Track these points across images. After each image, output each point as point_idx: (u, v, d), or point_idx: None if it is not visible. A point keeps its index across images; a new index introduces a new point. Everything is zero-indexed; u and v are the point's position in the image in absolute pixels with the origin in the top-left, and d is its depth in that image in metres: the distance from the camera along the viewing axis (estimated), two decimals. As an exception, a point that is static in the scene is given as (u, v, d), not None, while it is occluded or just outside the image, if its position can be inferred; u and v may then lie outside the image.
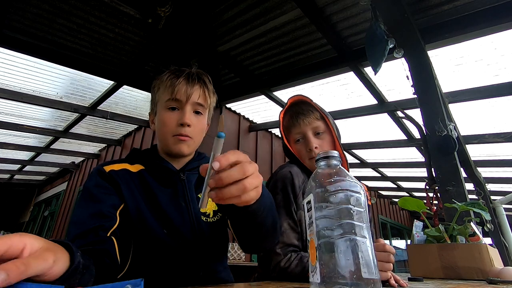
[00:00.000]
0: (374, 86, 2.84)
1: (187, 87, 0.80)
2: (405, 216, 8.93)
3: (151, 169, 0.82)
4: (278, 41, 2.56)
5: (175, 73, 0.82)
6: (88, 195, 0.72)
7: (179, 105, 0.80)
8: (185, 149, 0.80)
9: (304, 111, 1.01)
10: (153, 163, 0.83)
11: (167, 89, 0.80)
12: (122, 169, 0.78)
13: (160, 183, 0.80)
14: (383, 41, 1.82)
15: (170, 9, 2.12)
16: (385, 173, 5.78)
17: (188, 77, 0.81)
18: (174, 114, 0.80)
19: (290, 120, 1.03)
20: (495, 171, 4.55)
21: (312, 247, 0.42)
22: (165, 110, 0.81)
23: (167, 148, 0.82)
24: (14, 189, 7.72)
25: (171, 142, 0.80)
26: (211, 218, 0.82)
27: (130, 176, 0.78)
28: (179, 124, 0.79)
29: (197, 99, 0.81)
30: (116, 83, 3.05)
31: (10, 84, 3.01)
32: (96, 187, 0.73)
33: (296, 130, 1.02)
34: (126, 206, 0.73)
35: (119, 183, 0.75)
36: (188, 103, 0.80)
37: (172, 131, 0.79)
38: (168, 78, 0.81)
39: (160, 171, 0.82)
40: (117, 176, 0.76)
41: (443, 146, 1.77)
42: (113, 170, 0.77)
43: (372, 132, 3.94)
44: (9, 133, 4.19)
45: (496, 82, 2.60)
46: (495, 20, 1.96)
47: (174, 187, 0.80)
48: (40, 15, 2.22)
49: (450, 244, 1.07)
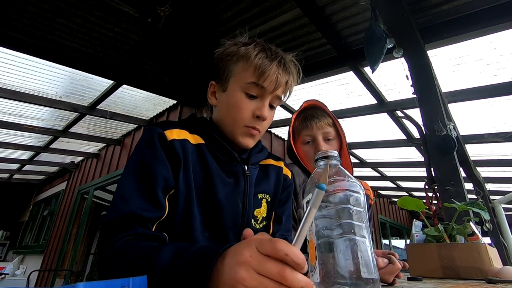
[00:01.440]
0: (374, 86, 2.84)
1: (277, 76, 0.69)
2: (405, 215, 8.94)
3: (212, 145, 0.71)
4: (277, 41, 2.55)
5: (267, 53, 0.71)
6: (142, 166, 0.60)
7: (261, 94, 0.70)
8: (252, 143, 0.73)
9: (318, 116, 1.04)
10: (216, 139, 0.71)
11: (253, 69, 0.68)
12: (182, 139, 0.66)
13: (220, 165, 0.70)
14: (382, 39, 1.82)
15: (170, 9, 2.12)
16: (385, 172, 5.78)
17: (281, 65, 0.70)
18: (252, 103, 0.69)
19: (303, 122, 1.05)
20: (494, 170, 4.55)
21: (311, 247, 0.42)
22: (242, 93, 0.69)
23: (232, 135, 0.71)
24: (13, 188, 7.70)
25: (240, 132, 0.70)
26: (259, 225, 0.74)
27: (189, 149, 0.66)
28: (255, 115, 0.69)
29: (281, 92, 0.72)
30: (115, 83, 3.04)
31: (9, 83, 3.00)
32: (154, 159, 0.61)
33: (307, 133, 1.04)
34: (176, 193, 0.63)
35: (179, 159, 0.63)
36: (270, 95, 0.70)
37: (246, 121, 0.69)
38: (258, 56, 0.69)
39: (223, 151, 0.71)
40: (179, 148, 0.64)
41: (443, 146, 1.77)
42: (175, 139, 0.65)
43: (371, 131, 3.94)
44: (9, 132, 4.18)
45: (496, 82, 2.60)
46: (495, 20, 1.96)
47: (236, 180, 0.70)
48: (39, 14, 2.22)
49: (449, 244, 1.07)
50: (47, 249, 5.50)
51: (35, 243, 6.44)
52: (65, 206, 5.64)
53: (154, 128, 0.64)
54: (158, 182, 0.59)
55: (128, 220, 0.55)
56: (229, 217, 0.66)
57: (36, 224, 6.95)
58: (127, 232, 0.54)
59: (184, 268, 0.39)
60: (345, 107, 3.35)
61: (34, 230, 6.86)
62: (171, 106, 3.60)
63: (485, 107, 2.98)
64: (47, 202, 6.97)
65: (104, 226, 0.56)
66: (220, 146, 0.71)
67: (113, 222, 0.55)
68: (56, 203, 6.32)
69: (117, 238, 0.53)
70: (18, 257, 6.61)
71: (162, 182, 0.60)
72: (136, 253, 0.49)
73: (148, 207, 0.57)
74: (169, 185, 0.62)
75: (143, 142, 0.64)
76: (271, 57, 0.70)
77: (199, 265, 0.37)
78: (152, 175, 0.59)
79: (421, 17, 2.15)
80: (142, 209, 0.56)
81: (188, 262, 0.40)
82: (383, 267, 0.69)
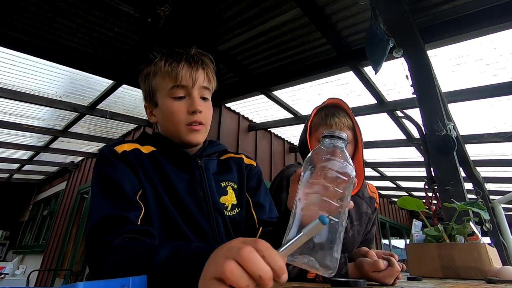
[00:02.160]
0: (374, 85, 2.85)
1: (191, 71, 0.73)
2: (404, 215, 8.95)
3: (164, 150, 0.75)
4: (277, 41, 2.56)
5: (173, 57, 0.75)
6: (105, 179, 0.64)
7: (186, 92, 0.74)
8: (200, 137, 0.76)
9: (339, 115, 1.01)
10: (166, 146, 0.75)
11: (168, 76, 0.73)
12: (133, 149, 0.71)
13: (176, 166, 0.73)
14: (384, 41, 1.82)
15: (170, 8, 2.12)
16: (385, 172, 5.78)
17: (189, 60, 0.74)
18: (182, 103, 0.74)
19: (324, 119, 1.02)
20: (494, 170, 4.55)
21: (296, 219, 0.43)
22: (170, 99, 0.73)
23: (180, 139, 0.75)
24: (13, 188, 7.70)
25: (184, 132, 0.74)
26: (229, 212, 0.75)
27: (142, 157, 0.70)
28: (190, 112, 0.73)
29: (203, 82, 0.75)
30: (115, 82, 3.04)
31: (9, 83, 3.00)
32: (113, 170, 0.65)
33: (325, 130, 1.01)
34: (144, 191, 0.66)
35: (134, 164, 0.67)
36: (195, 88, 0.74)
37: (184, 120, 0.73)
38: (167, 63, 0.74)
39: (175, 153, 0.75)
40: (131, 156, 0.68)
41: (442, 146, 1.77)
42: (125, 151, 0.69)
43: (371, 131, 3.94)
44: (9, 132, 4.18)
45: (496, 82, 2.60)
46: (495, 20, 1.96)
47: (191, 173, 0.73)
48: (39, 14, 2.21)
49: (449, 244, 1.07)
50: (47, 249, 5.50)
51: (35, 243, 6.44)
52: (65, 206, 5.64)
53: (103, 149, 0.70)
54: (124, 186, 0.63)
55: (113, 221, 0.58)
56: (193, 205, 0.69)
57: (36, 224, 6.95)
58: (119, 231, 0.56)
59: (181, 265, 0.41)
60: (345, 107, 3.35)
61: (34, 230, 6.86)
62: (171, 106, 3.60)
63: (485, 107, 2.98)
64: (47, 202, 6.97)
65: (90, 230, 0.58)
66: (171, 148, 0.75)
67: (99, 224, 0.58)
68: (56, 203, 6.32)
69: (111, 237, 0.55)
70: (18, 257, 6.61)
71: (128, 185, 0.64)
72: (134, 252, 0.51)
73: (125, 207, 0.60)
74: (135, 186, 0.65)
75: (98, 163, 0.68)
76: (177, 58, 0.74)
77: (195, 263, 0.39)
78: (116, 182, 0.63)
79: (421, 17, 2.15)
80: (121, 209, 0.59)
81: (185, 259, 0.42)
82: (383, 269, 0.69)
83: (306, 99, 3.34)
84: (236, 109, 3.86)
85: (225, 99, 3.47)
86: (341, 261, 0.78)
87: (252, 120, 4.13)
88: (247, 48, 2.67)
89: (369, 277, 0.70)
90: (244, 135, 3.98)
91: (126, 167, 0.67)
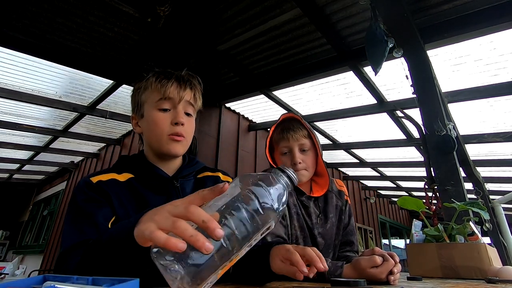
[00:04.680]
0: (374, 85, 2.85)
1: (179, 88, 0.79)
2: (404, 215, 8.95)
3: (141, 176, 0.79)
4: (277, 41, 2.56)
5: (164, 75, 0.81)
6: (78, 211, 0.68)
7: (171, 105, 0.79)
8: (180, 149, 0.79)
9: (294, 128, 1.11)
10: (143, 170, 0.80)
11: (157, 90, 0.78)
12: (109, 179, 0.75)
13: (152, 190, 0.77)
14: (383, 41, 1.82)
15: (170, 8, 2.12)
16: (385, 172, 5.78)
17: (179, 80, 0.80)
18: (167, 115, 0.78)
19: (281, 133, 1.13)
20: (494, 170, 4.55)
21: None
22: (156, 111, 0.78)
23: (160, 149, 0.79)
24: (13, 188, 7.70)
25: (165, 142, 0.77)
26: None
27: (118, 186, 0.75)
28: (173, 123, 0.77)
29: (189, 99, 0.81)
30: (115, 82, 3.04)
31: (9, 83, 3.00)
32: (86, 201, 0.69)
33: (284, 144, 1.12)
34: (117, 218, 0.70)
35: (108, 193, 0.72)
36: (180, 103, 0.79)
37: (166, 130, 0.77)
38: (157, 79, 0.79)
39: (152, 178, 0.79)
40: (106, 186, 0.73)
41: (442, 146, 1.77)
42: (101, 180, 0.74)
43: (371, 131, 3.94)
44: (8, 132, 4.18)
45: (495, 82, 2.61)
46: (495, 20, 1.96)
47: (168, 195, 0.77)
48: (39, 14, 2.21)
49: (449, 244, 1.07)
50: (47, 249, 5.50)
51: (35, 243, 6.44)
52: (65, 206, 5.63)
53: (80, 180, 0.75)
54: (96, 215, 0.67)
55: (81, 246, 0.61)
56: None
57: (36, 224, 6.94)
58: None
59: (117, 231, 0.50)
60: (345, 107, 3.35)
61: (34, 230, 6.85)
62: (171, 106, 3.60)
63: (485, 107, 2.98)
64: (47, 202, 6.97)
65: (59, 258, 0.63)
66: (148, 172, 0.79)
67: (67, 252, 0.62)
68: (56, 203, 6.32)
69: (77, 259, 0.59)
70: (18, 257, 6.61)
71: (100, 214, 0.67)
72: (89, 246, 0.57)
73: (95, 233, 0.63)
74: (107, 214, 0.69)
75: (73, 194, 0.72)
76: (167, 75, 0.80)
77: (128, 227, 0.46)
78: (87, 212, 0.67)
79: (421, 17, 2.15)
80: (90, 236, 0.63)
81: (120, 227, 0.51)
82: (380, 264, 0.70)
83: (306, 99, 3.34)
84: (236, 109, 3.86)
85: (225, 99, 3.47)
86: (337, 264, 0.79)
87: (252, 120, 4.13)
88: (247, 48, 2.67)
89: (367, 274, 0.70)
90: (244, 135, 3.98)
91: (99, 197, 0.70)
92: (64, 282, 0.39)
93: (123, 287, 0.34)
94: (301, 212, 1.08)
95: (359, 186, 6.70)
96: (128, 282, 0.34)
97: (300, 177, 1.08)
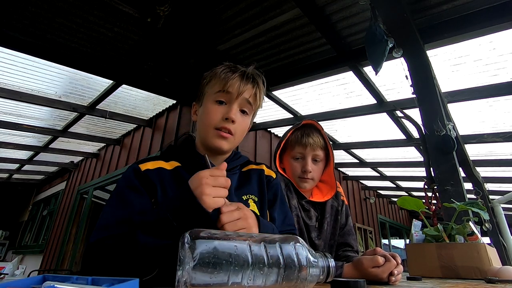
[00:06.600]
0: (373, 85, 2.85)
1: (240, 83, 0.78)
2: (404, 215, 8.95)
3: (188, 166, 0.79)
4: (277, 41, 2.56)
5: (231, 68, 0.81)
6: (119, 197, 0.70)
7: (228, 99, 0.78)
8: (225, 145, 0.78)
9: (313, 137, 1.14)
10: (190, 159, 0.80)
11: (219, 81, 0.78)
12: (156, 168, 0.76)
13: None
14: (383, 41, 1.82)
15: (169, 8, 2.12)
16: (384, 172, 5.78)
17: (243, 75, 0.79)
18: (221, 108, 0.78)
19: (300, 138, 1.15)
20: (494, 170, 4.56)
21: None
22: (212, 102, 0.79)
23: (206, 141, 0.79)
24: (12, 188, 7.70)
25: (212, 135, 0.77)
26: None
27: (165, 174, 0.75)
28: (224, 118, 0.76)
29: (248, 97, 0.79)
30: (115, 82, 3.04)
31: (9, 83, 3.00)
32: (128, 188, 0.71)
33: (300, 150, 1.14)
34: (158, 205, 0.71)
35: (154, 183, 0.72)
36: (237, 99, 0.78)
37: (215, 123, 0.77)
38: (223, 71, 0.79)
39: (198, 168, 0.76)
40: (152, 175, 0.74)
41: (442, 146, 1.77)
42: (148, 169, 0.74)
43: (371, 131, 3.94)
44: (8, 132, 4.18)
45: (495, 82, 2.61)
46: (494, 20, 1.96)
47: None
48: (39, 14, 2.21)
49: (448, 244, 1.07)
50: (47, 249, 5.49)
51: (34, 243, 6.43)
52: (65, 206, 5.63)
53: (131, 165, 0.77)
54: (134, 204, 0.69)
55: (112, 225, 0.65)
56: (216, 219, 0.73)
57: (35, 224, 6.94)
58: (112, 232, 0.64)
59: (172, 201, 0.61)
60: (345, 107, 3.35)
61: (34, 230, 6.85)
62: (171, 106, 3.60)
63: (484, 107, 2.99)
64: (47, 202, 6.97)
65: (88, 248, 0.64)
66: (196, 162, 0.79)
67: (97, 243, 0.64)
68: (55, 203, 6.31)
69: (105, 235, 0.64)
70: (18, 257, 6.60)
71: (138, 205, 0.69)
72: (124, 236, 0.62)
73: (124, 227, 0.64)
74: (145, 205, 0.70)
75: (122, 177, 0.75)
76: (233, 69, 0.80)
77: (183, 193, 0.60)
78: (128, 201, 0.69)
79: (421, 17, 2.15)
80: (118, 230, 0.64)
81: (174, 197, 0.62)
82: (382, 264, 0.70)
83: (306, 99, 3.34)
84: (236, 109, 3.85)
85: (225, 99, 3.46)
86: (338, 264, 0.80)
87: (251, 120, 4.12)
88: (247, 48, 2.67)
89: (369, 273, 0.70)
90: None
91: (141, 186, 0.72)
92: (64, 282, 0.39)
93: (123, 287, 0.34)
94: (301, 214, 1.09)
95: (359, 186, 6.70)
96: (128, 282, 0.34)
97: (306, 185, 1.13)
